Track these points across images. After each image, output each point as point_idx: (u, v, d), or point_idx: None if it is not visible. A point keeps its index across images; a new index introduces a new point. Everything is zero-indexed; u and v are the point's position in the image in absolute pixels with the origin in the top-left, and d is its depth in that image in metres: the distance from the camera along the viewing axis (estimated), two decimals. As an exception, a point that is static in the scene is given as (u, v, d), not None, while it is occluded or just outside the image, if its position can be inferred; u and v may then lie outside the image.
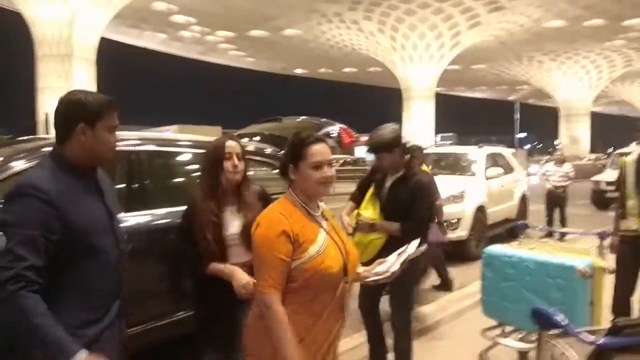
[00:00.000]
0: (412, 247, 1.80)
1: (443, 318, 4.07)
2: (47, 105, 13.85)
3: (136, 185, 2.84)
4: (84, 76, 14.19)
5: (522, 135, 60.45)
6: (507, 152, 8.41)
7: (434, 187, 4.02)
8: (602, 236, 3.51)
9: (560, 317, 1.48)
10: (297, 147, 1.63)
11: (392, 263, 1.76)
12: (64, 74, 13.67)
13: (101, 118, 1.52)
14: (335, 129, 5.26)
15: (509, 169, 7.64)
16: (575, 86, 29.00)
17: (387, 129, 2.80)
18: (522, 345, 2.53)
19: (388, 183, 2.81)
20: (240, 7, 19.53)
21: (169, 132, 22.61)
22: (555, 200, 8.08)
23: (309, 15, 20.50)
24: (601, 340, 1.36)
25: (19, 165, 2.36)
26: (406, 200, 2.72)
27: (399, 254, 1.78)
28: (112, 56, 17.62)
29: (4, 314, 1.40)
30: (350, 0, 18.62)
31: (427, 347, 3.46)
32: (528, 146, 48.30)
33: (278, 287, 1.53)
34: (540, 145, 53.94)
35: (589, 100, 30.08)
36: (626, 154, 3.79)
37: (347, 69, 31.66)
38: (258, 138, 4.75)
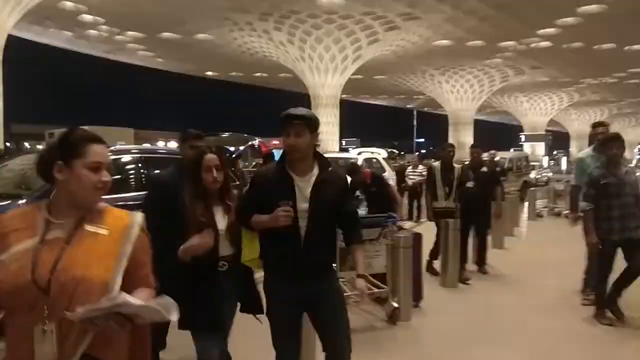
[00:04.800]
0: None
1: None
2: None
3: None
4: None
5: (421, 140, 65.33)
6: (380, 156, 10.85)
7: None
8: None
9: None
10: (75, 143, 1.40)
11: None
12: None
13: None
14: (256, 142, 6.91)
15: (381, 170, 9.96)
16: (461, 97, 32.59)
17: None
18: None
19: (304, 184, 2.36)
20: (151, 9, 19.79)
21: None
22: (410, 192, 10.49)
23: (220, 22, 21.25)
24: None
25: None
26: (336, 199, 2.40)
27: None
28: (18, 54, 17.25)
29: None
30: (260, 11, 19.71)
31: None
32: (424, 150, 52.34)
33: None
34: (432, 149, 58.80)
35: (473, 110, 33.84)
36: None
37: (258, 74, 32.66)
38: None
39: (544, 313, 4.91)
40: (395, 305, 4.48)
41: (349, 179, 2.62)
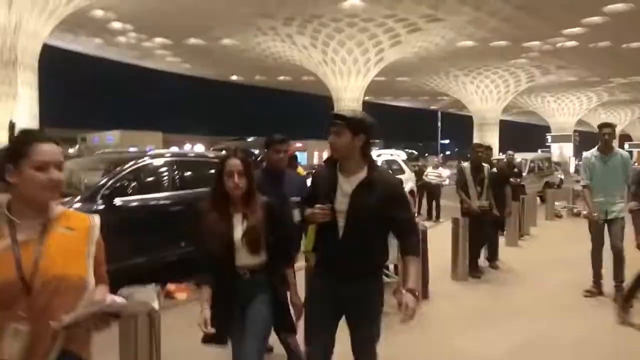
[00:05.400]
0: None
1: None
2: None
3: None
4: (27, 82, 14.66)
5: (446, 141, 64.85)
6: (399, 158, 11.05)
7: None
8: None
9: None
10: (20, 144, 1.41)
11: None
12: (7, 79, 14.10)
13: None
14: None
15: (400, 171, 10.11)
16: (486, 98, 32.31)
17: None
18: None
19: (348, 184, 2.35)
20: (178, 17, 20.33)
21: (110, 137, 22.85)
22: (429, 192, 10.66)
23: (245, 27, 21.69)
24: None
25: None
26: (379, 203, 2.31)
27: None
28: (50, 61, 17.97)
29: None
30: (284, 16, 20.04)
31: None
32: (448, 152, 51.99)
33: None
34: (457, 150, 58.34)
35: (498, 110, 33.49)
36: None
37: (281, 77, 33.06)
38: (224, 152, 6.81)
39: (545, 303, 5.21)
40: None
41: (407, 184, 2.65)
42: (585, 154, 5.43)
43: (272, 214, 2.41)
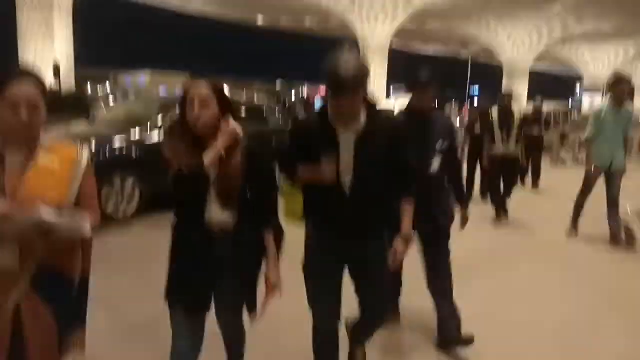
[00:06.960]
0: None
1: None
2: (27, 51, 14.79)
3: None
4: (63, 23, 15.14)
5: (475, 89, 63.31)
6: None
7: None
8: None
9: None
10: (1, 81, 1.45)
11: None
12: (45, 21, 14.59)
13: None
14: (304, 94, 8.00)
15: None
16: (518, 47, 31.42)
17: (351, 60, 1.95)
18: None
19: (349, 136, 2.07)
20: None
21: (142, 77, 23.40)
22: None
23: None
24: None
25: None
26: (385, 152, 2.12)
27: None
28: (84, 3, 18.25)
29: None
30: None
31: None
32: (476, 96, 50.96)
33: None
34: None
35: (530, 60, 32.61)
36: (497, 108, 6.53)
37: (308, 22, 32.65)
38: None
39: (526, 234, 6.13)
40: None
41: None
42: (595, 107, 5.59)
43: (252, 161, 1.98)
